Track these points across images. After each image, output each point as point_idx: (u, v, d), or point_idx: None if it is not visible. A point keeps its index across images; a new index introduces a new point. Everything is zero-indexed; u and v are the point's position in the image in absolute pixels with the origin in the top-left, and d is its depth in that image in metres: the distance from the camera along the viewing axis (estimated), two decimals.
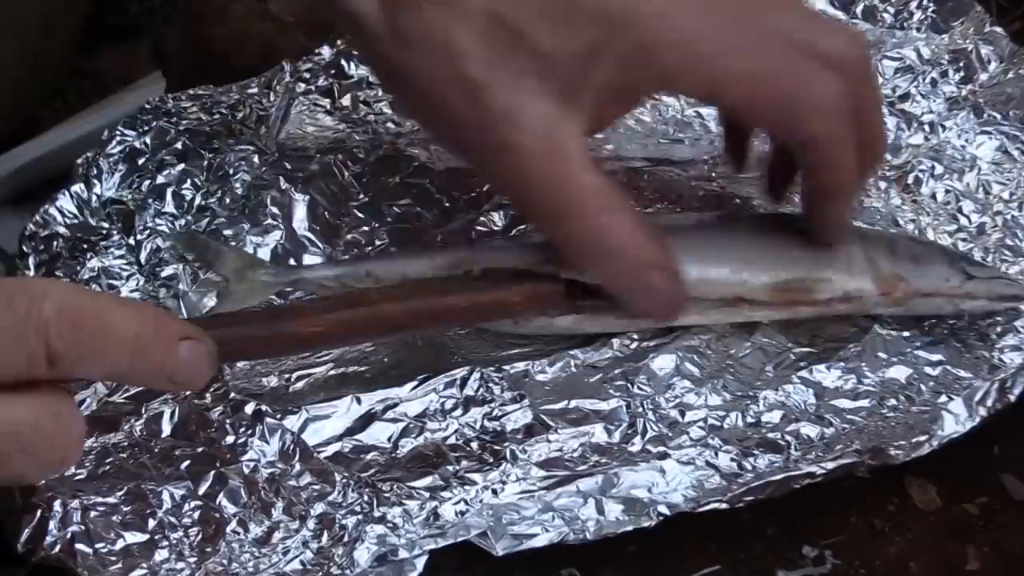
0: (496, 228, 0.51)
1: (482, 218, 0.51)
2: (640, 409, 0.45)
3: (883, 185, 0.54)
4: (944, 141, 0.55)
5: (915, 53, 0.58)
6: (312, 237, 0.51)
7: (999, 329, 0.47)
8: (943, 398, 0.45)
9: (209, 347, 0.33)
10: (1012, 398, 0.45)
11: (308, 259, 0.51)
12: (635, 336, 0.47)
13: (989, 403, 0.45)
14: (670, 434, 0.44)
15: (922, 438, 0.43)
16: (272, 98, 0.56)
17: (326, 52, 0.58)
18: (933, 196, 0.54)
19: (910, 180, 0.54)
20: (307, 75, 0.57)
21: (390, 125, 0.56)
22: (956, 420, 0.44)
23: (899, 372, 0.46)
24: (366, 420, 0.44)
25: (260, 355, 0.42)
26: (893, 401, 0.45)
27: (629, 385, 0.45)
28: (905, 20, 0.60)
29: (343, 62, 0.58)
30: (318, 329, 0.38)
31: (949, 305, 0.47)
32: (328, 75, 0.57)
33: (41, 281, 0.35)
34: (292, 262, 0.50)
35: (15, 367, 0.30)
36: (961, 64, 0.58)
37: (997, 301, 0.47)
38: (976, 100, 0.57)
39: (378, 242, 0.51)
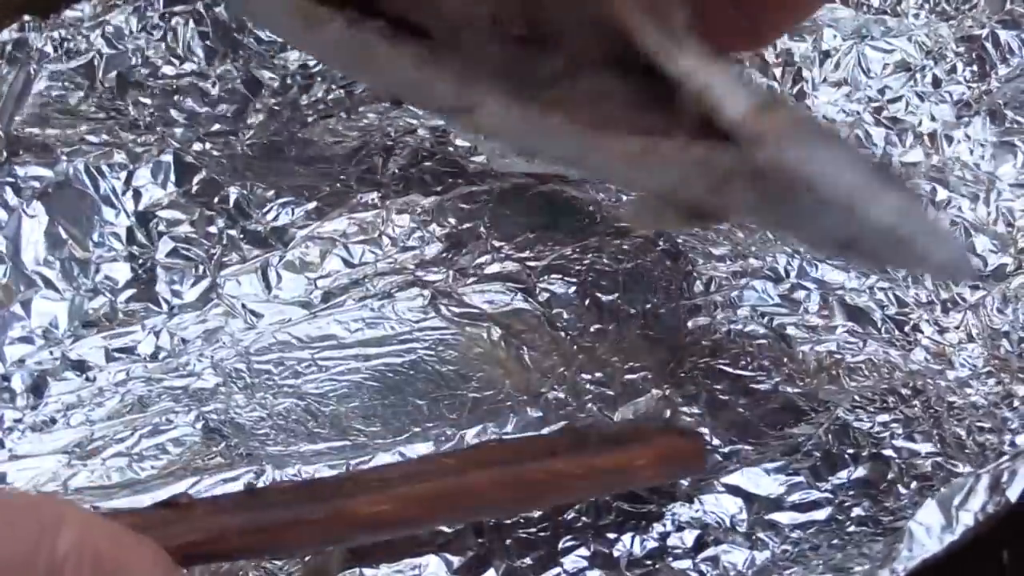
0: None
1: None
2: None
3: None
4: (951, 158, 0.56)
5: (912, 44, 0.60)
6: (47, 274, 0.51)
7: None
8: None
9: None
10: (1012, 498, 0.43)
11: (40, 303, 0.50)
12: None
13: (976, 506, 0.43)
14: None
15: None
16: (2, 70, 0.56)
17: (86, 8, 0.58)
18: None
19: None
20: (56, 38, 0.57)
21: (174, 114, 0.56)
22: (928, 533, 0.42)
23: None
24: None
25: (306, 546, 0.43)
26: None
27: None
28: (898, 3, 0.62)
29: (110, 23, 0.57)
30: (383, 508, 0.41)
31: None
32: (87, 41, 0.57)
33: (51, 501, 0.38)
34: (16, 309, 0.49)
35: None
36: (973, 56, 0.59)
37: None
38: (994, 102, 0.57)
39: (143, 286, 0.51)
